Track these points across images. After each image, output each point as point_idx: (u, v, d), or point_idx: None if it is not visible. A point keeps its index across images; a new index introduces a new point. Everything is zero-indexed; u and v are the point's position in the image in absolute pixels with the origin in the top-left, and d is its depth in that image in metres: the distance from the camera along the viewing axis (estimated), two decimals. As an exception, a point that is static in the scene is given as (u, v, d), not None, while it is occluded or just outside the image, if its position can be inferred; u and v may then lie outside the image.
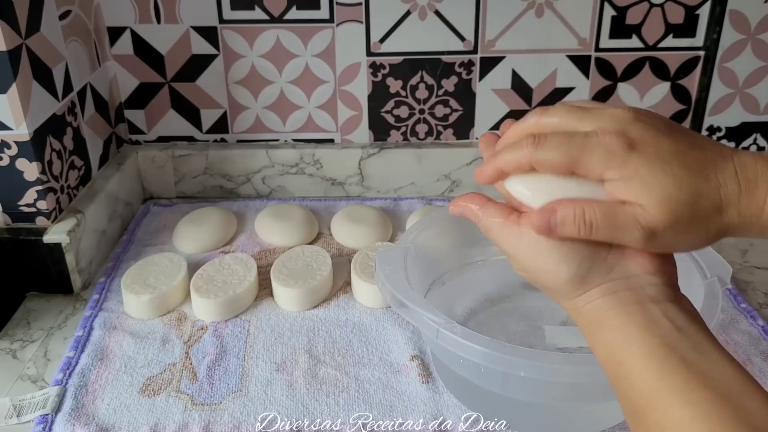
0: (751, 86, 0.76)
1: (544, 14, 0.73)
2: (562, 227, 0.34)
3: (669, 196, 0.32)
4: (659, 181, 0.32)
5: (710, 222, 0.32)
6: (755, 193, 0.32)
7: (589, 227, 0.33)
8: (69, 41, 0.66)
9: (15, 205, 0.61)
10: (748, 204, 0.32)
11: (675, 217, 0.32)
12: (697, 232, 0.33)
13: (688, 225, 0.32)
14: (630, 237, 0.33)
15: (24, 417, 0.49)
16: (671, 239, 0.33)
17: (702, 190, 0.32)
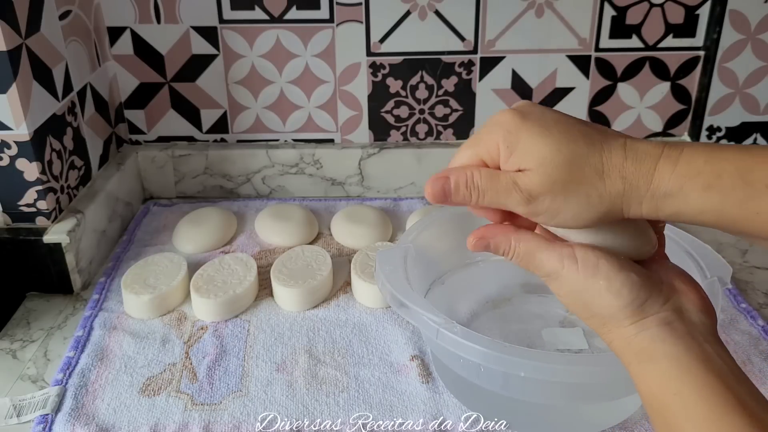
0: (751, 86, 0.76)
1: (544, 14, 0.73)
2: (456, 193, 0.35)
3: (545, 158, 0.33)
4: (537, 145, 0.33)
5: (590, 186, 0.33)
6: (642, 162, 0.32)
7: (477, 191, 0.35)
8: (69, 41, 0.66)
9: (15, 205, 0.61)
10: (634, 171, 0.32)
11: (551, 179, 0.33)
12: (577, 197, 0.33)
13: (565, 188, 0.33)
14: (512, 201, 0.34)
15: (24, 417, 0.49)
16: (551, 204, 0.33)
17: (581, 153, 0.33)
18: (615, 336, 0.34)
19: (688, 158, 0.32)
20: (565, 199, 0.33)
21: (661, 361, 0.32)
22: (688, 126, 0.79)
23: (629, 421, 0.49)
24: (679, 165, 0.32)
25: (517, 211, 0.35)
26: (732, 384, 0.30)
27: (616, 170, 0.33)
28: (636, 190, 0.33)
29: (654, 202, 0.33)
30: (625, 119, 0.79)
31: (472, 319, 0.58)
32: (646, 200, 0.33)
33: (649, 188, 0.32)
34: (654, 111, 0.78)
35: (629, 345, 0.34)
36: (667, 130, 0.79)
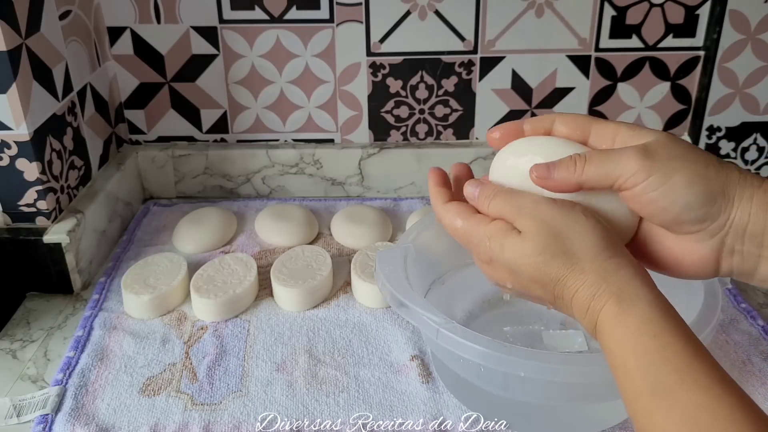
0: (751, 86, 0.76)
1: (544, 14, 0.73)
2: (558, 165, 0.35)
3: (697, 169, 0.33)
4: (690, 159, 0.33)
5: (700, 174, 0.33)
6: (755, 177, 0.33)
7: (582, 160, 0.35)
8: (69, 41, 0.66)
9: (15, 205, 0.61)
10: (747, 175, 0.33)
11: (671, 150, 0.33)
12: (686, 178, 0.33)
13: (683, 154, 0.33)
14: (625, 157, 0.33)
15: (24, 417, 0.49)
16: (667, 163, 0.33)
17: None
18: (590, 273, 0.33)
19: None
20: (683, 161, 0.33)
21: (642, 303, 0.32)
22: (688, 126, 0.79)
23: (629, 421, 0.49)
24: None
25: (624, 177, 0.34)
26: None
27: (731, 164, 0.34)
28: (750, 181, 0.33)
29: (766, 198, 0.32)
30: (624, 119, 0.79)
31: (472, 319, 0.58)
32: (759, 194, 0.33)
33: (762, 184, 0.33)
34: (654, 111, 0.78)
35: (606, 282, 0.33)
36: (666, 130, 0.79)
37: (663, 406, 0.29)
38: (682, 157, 0.33)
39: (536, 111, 0.78)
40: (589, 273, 0.33)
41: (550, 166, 0.35)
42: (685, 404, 0.28)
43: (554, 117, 0.38)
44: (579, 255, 0.33)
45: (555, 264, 0.34)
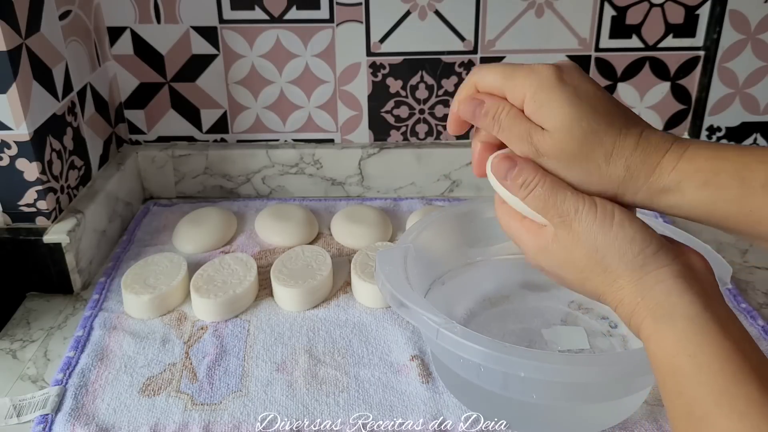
0: (751, 86, 0.76)
1: (544, 14, 0.73)
2: (483, 117, 0.37)
3: (564, 126, 0.34)
4: (562, 109, 0.34)
5: (594, 164, 0.34)
6: (650, 155, 0.34)
7: (498, 125, 0.36)
8: (69, 41, 0.66)
9: (15, 205, 0.61)
10: (639, 162, 0.34)
11: (562, 147, 0.34)
12: (579, 170, 0.35)
13: (571, 159, 0.34)
14: (521, 148, 0.36)
15: (24, 417, 0.49)
16: (554, 166, 0.35)
17: (598, 131, 0.34)
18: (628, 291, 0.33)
19: (692, 155, 0.33)
20: (568, 168, 0.35)
21: (678, 321, 0.31)
22: (688, 126, 0.79)
23: (629, 421, 0.49)
24: (681, 161, 0.33)
25: (522, 154, 0.36)
26: (747, 351, 0.29)
27: (622, 157, 0.34)
28: (635, 180, 0.34)
29: (649, 193, 0.34)
30: (625, 119, 0.79)
31: (472, 318, 0.58)
32: (642, 191, 0.34)
33: (648, 180, 0.34)
34: (654, 111, 0.78)
35: (644, 298, 0.32)
36: (667, 130, 0.79)
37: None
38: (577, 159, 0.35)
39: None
40: (627, 290, 0.33)
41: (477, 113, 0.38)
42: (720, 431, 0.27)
43: (472, 80, 0.40)
44: (618, 272, 0.34)
45: (595, 282, 0.35)
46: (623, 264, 0.33)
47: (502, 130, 0.36)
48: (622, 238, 0.34)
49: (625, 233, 0.34)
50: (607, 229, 0.34)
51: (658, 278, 0.32)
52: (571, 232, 0.35)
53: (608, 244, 0.34)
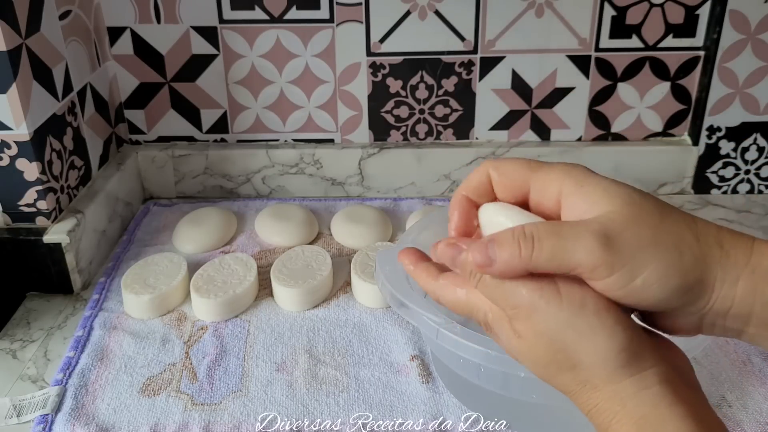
0: (751, 86, 0.75)
1: (544, 14, 0.73)
2: (500, 246, 0.28)
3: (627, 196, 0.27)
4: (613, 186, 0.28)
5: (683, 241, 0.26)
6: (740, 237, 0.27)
7: (530, 238, 0.27)
8: (69, 41, 0.66)
9: (15, 205, 0.61)
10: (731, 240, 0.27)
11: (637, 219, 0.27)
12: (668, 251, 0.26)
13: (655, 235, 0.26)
14: (582, 248, 0.26)
15: (24, 417, 0.49)
16: (634, 253, 0.26)
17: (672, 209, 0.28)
18: (604, 395, 0.27)
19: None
20: (654, 249, 0.26)
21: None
22: (688, 126, 0.79)
23: (629, 421, 0.49)
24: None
25: (582, 268, 0.26)
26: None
27: (711, 234, 0.27)
28: (734, 259, 0.26)
29: (754, 279, 0.26)
30: (625, 119, 0.79)
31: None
32: (745, 276, 0.26)
33: (749, 261, 0.26)
34: (654, 111, 0.78)
35: (625, 407, 0.26)
36: (667, 130, 0.79)
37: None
38: (652, 242, 0.26)
39: (536, 111, 0.78)
40: (604, 392, 0.27)
41: (490, 251, 0.28)
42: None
43: (488, 167, 0.31)
44: (591, 370, 0.27)
45: (563, 379, 0.28)
46: (599, 362, 0.27)
47: (542, 240, 0.27)
48: (600, 332, 0.27)
49: (604, 325, 0.27)
50: (578, 319, 0.27)
51: (643, 384, 0.27)
52: (529, 324, 0.28)
53: (579, 338, 0.27)
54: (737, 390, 0.51)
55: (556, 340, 0.27)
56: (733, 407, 0.50)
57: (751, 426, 0.49)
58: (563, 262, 0.27)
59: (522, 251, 0.27)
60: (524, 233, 0.27)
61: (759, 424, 0.49)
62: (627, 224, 0.26)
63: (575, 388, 0.28)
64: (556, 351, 0.28)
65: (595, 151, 0.78)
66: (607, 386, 0.27)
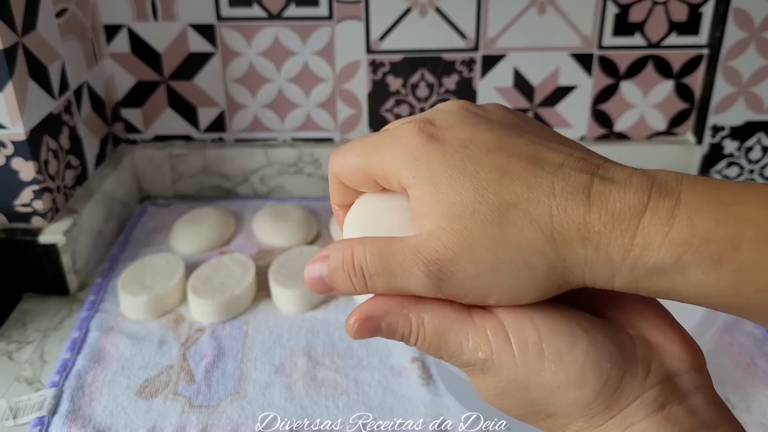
0: (756, 84, 0.75)
1: (546, 12, 0.72)
2: (333, 279, 0.24)
3: (460, 207, 0.21)
4: (450, 187, 0.22)
5: (533, 251, 0.21)
6: (617, 216, 0.21)
7: (360, 274, 0.23)
8: (65, 39, 0.65)
9: (10, 204, 0.60)
10: (602, 229, 0.21)
11: (470, 240, 0.21)
12: (514, 267, 0.22)
13: (494, 253, 0.21)
14: (415, 281, 0.22)
15: (20, 419, 0.49)
16: (474, 282, 0.22)
17: (517, 200, 0.21)
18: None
19: (690, 214, 0.21)
20: (496, 273, 0.22)
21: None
22: (692, 125, 0.78)
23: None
24: (675, 225, 0.21)
25: (426, 295, 0.23)
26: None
27: (572, 227, 0.21)
28: (606, 257, 0.21)
29: (634, 276, 0.21)
30: (628, 118, 0.78)
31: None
32: (622, 274, 0.21)
33: (627, 257, 0.21)
34: (657, 110, 0.77)
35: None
36: (670, 129, 0.79)
37: None
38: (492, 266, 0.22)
39: (539, 110, 0.78)
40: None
41: (327, 280, 0.24)
42: None
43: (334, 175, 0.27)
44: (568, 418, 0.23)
45: (542, 425, 0.24)
46: (574, 414, 0.23)
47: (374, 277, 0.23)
48: (565, 383, 0.22)
49: (568, 375, 0.22)
50: (538, 373, 0.22)
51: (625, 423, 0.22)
52: (485, 384, 0.24)
53: (547, 395, 0.23)
54: (741, 392, 0.51)
55: (519, 397, 0.23)
56: (737, 409, 0.49)
57: (756, 428, 0.48)
58: (401, 292, 0.23)
59: (356, 286, 0.24)
60: (353, 266, 0.23)
61: (763, 426, 0.48)
62: (459, 248, 0.22)
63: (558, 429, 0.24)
64: (524, 405, 0.23)
65: (598, 150, 0.77)
66: (590, 430, 0.23)
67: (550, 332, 0.23)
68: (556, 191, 0.21)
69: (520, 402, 0.23)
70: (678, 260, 0.21)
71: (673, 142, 0.79)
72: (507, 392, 0.23)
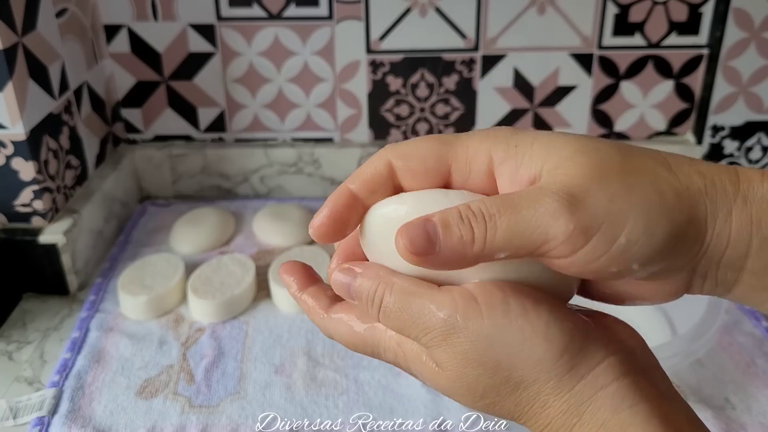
0: (756, 84, 0.75)
1: (546, 12, 0.72)
2: (446, 233, 0.22)
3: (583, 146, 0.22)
4: (564, 138, 0.23)
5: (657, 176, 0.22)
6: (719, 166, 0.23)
7: (481, 217, 0.22)
8: (65, 39, 0.65)
9: (11, 204, 0.61)
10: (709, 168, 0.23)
11: (599, 166, 0.22)
12: (644, 191, 0.21)
13: (623, 175, 0.22)
14: (544, 213, 0.21)
15: (20, 419, 0.49)
16: (607, 204, 0.21)
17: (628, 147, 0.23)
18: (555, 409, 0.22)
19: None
20: (628, 194, 0.21)
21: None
22: (692, 125, 0.78)
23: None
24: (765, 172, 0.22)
25: (552, 243, 0.21)
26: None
27: (685, 163, 0.22)
28: (722, 188, 0.22)
29: (748, 209, 0.21)
30: (628, 118, 0.78)
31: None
32: (738, 207, 0.21)
33: (738, 189, 0.22)
34: (657, 110, 0.77)
35: (581, 418, 0.22)
36: (670, 129, 0.79)
37: None
38: (625, 188, 0.21)
39: (538, 110, 0.78)
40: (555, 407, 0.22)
41: (433, 234, 0.22)
42: None
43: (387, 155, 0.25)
44: (537, 385, 0.22)
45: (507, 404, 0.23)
46: (543, 374, 0.22)
47: (496, 217, 0.22)
48: (532, 337, 0.22)
49: (534, 328, 0.22)
50: (504, 328, 0.22)
51: (597, 384, 0.22)
52: (448, 349, 0.23)
53: (512, 352, 0.22)
54: (741, 392, 0.51)
55: (485, 360, 0.22)
56: (737, 409, 0.49)
57: (755, 428, 0.48)
58: (525, 241, 0.21)
59: (475, 234, 0.21)
60: (472, 211, 0.22)
61: (763, 426, 0.48)
62: (588, 175, 0.21)
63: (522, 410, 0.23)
64: (490, 373, 0.23)
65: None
66: (558, 399, 0.22)
67: (515, 292, 0.23)
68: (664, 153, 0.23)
69: (486, 370, 0.22)
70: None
71: (673, 142, 0.79)
72: (471, 358, 0.22)
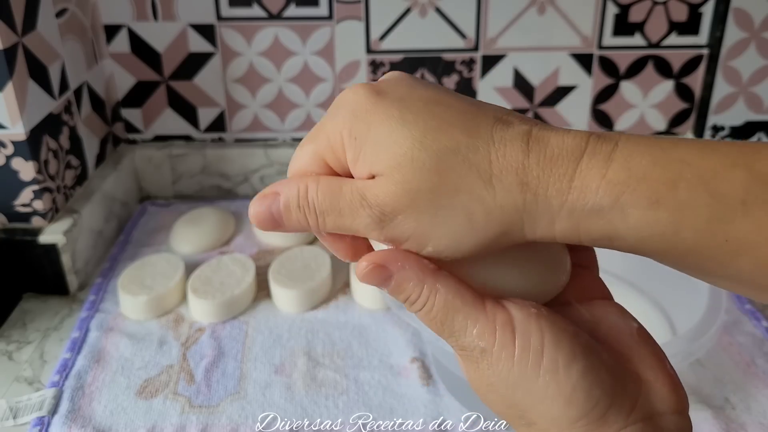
0: (755, 84, 0.75)
1: (546, 12, 0.72)
2: (287, 216, 0.25)
3: (401, 156, 0.22)
4: (391, 136, 0.22)
5: (471, 196, 0.22)
6: (555, 160, 0.21)
7: (314, 213, 0.24)
8: (65, 39, 0.65)
9: (11, 204, 0.60)
10: (540, 173, 0.21)
11: (411, 189, 0.22)
12: (453, 215, 0.22)
13: (433, 201, 0.22)
14: (360, 223, 0.23)
15: (20, 419, 0.49)
16: (414, 226, 0.23)
17: (456, 147, 0.22)
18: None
19: (627, 156, 0.21)
20: (434, 218, 0.22)
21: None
22: (692, 125, 0.78)
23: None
24: (612, 167, 0.21)
25: (370, 237, 0.24)
26: None
27: (511, 172, 0.22)
28: (545, 202, 0.22)
29: (573, 221, 0.22)
30: (628, 118, 0.78)
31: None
32: (561, 218, 0.22)
33: (565, 200, 0.21)
34: (657, 110, 0.77)
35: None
36: (670, 129, 0.79)
37: None
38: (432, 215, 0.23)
39: (538, 110, 0.78)
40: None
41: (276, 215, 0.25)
42: None
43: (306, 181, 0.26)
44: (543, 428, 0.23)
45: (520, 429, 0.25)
46: (555, 428, 0.23)
47: (324, 214, 0.24)
48: (555, 396, 0.22)
49: (560, 389, 0.22)
50: (532, 378, 0.23)
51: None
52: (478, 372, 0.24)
53: (533, 402, 0.23)
54: (741, 392, 0.51)
55: (506, 395, 0.23)
56: (736, 409, 0.49)
57: (755, 428, 0.48)
58: (348, 232, 0.24)
59: (309, 222, 0.25)
60: (307, 202, 0.24)
61: (763, 426, 0.48)
62: (399, 197, 0.22)
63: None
64: (508, 405, 0.24)
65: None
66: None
67: (553, 342, 0.23)
68: (495, 138, 0.22)
69: (505, 401, 0.24)
70: (616, 201, 0.21)
71: (673, 142, 0.79)
72: (495, 387, 0.24)
